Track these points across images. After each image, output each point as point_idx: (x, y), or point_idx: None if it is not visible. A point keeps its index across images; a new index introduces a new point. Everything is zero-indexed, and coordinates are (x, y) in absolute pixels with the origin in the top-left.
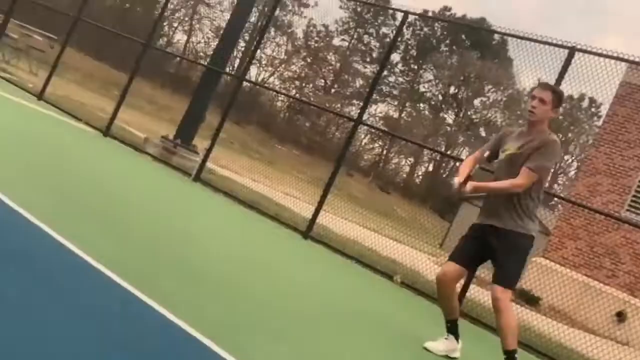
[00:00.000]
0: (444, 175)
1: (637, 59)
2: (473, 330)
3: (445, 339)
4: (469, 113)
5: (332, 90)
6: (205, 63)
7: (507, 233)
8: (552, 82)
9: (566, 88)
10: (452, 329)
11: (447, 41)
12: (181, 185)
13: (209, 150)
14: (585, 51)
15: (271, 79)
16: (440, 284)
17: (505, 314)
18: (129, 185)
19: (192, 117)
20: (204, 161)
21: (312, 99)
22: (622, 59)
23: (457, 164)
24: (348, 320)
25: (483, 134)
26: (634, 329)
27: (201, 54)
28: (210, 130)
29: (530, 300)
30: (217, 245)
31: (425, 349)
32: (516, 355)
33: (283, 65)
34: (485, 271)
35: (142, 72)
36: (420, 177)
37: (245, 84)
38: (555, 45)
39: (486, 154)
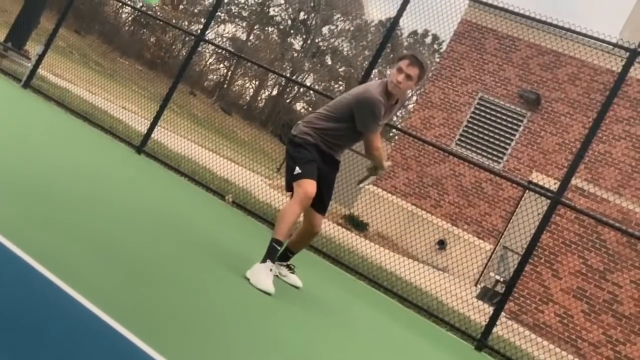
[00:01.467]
0: (288, 100)
1: None
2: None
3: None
4: (316, 40)
5: (180, 7)
6: None
7: (338, 164)
8: (394, 13)
9: (409, 22)
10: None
11: None
12: (9, 91)
13: (41, 57)
14: None
15: None
16: (311, 200)
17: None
18: None
19: (26, 20)
20: (35, 67)
21: (158, 13)
22: None
23: (301, 90)
24: (167, 231)
25: (329, 61)
26: (452, 256)
27: None
28: (46, 36)
29: (358, 225)
30: (41, 154)
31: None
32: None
33: None
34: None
35: None
36: (264, 101)
37: None
38: None
39: None
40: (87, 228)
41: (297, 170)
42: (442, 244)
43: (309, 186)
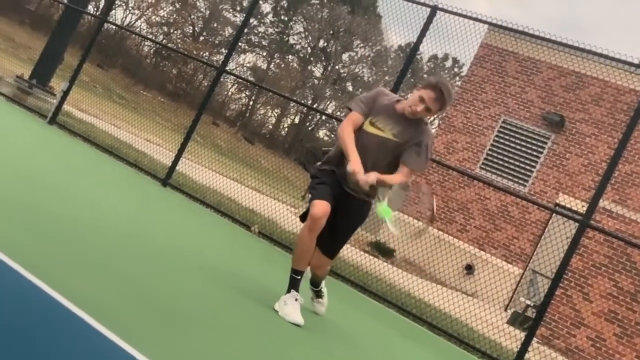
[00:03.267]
0: (310, 128)
1: (495, 21)
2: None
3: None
4: (337, 67)
5: (201, 38)
6: (66, 1)
7: (360, 201)
8: (414, 39)
9: (429, 47)
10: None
11: None
12: (35, 128)
13: (66, 93)
14: (446, 10)
15: (138, 23)
16: (319, 222)
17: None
18: None
19: (50, 57)
20: (60, 103)
21: (179, 45)
22: (480, 20)
23: (323, 117)
24: (194, 264)
25: (350, 88)
26: (480, 281)
27: None
28: (70, 72)
29: (384, 252)
30: (68, 190)
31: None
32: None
33: (151, 10)
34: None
35: None
36: (286, 128)
37: (111, 27)
38: (418, 3)
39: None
40: (113, 263)
41: (308, 196)
42: (470, 269)
43: (315, 207)
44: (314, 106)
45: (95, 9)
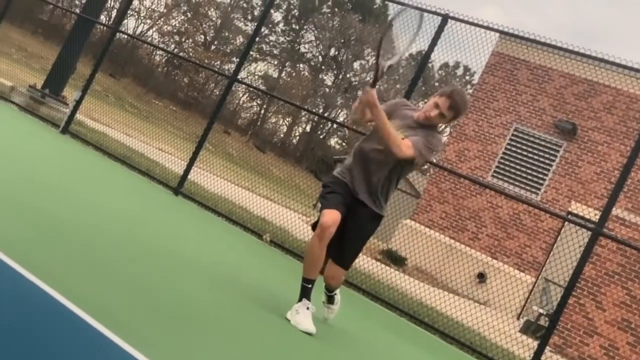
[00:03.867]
0: (321, 136)
1: (506, 29)
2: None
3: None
4: (348, 75)
5: (212, 47)
6: (78, 11)
7: (370, 211)
8: (425, 47)
9: (440, 55)
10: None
11: (329, 2)
12: (48, 137)
13: (78, 102)
14: (457, 19)
15: (150, 32)
16: (329, 230)
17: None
18: None
19: (62, 66)
20: (73, 113)
21: (191, 54)
22: (491, 29)
23: (335, 126)
24: (205, 273)
25: None
26: (493, 290)
27: (76, 1)
28: (83, 81)
29: (396, 260)
30: (79, 198)
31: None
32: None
33: (162, 19)
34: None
35: (12, 18)
36: (298, 137)
37: (123, 36)
38: (429, 11)
39: None
40: (126, 272)
41: (319, 205)
42: (482, 277)
43: (325, 216)
44: (325, 115)
45: (107, 19)
